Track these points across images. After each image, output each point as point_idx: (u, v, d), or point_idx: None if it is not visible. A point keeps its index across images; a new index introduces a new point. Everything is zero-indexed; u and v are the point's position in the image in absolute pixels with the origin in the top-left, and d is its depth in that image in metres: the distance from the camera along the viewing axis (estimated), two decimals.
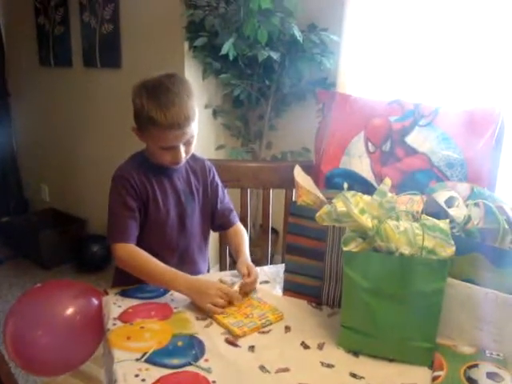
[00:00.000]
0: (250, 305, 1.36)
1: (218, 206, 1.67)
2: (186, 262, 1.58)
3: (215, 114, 3.05)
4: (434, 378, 1.06)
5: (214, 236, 1.76)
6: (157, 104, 1.38)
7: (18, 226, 3.87)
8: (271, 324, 1.29)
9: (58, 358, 1.39)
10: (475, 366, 1.09)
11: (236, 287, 1.41)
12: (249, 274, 1.43)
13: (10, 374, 1.21)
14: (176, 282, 1.36)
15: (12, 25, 3.99)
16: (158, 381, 1.04)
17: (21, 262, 3.64)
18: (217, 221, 1.68)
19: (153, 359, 1.11)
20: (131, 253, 1.44)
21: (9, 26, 4.00)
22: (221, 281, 1.45)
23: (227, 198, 1.72)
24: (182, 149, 1.45)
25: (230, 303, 1.33)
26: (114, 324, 1.26)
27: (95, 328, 1.34)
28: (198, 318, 1.29)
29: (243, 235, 1.66)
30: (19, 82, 4.04)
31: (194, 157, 1.64)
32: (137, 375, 1.06)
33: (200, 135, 2.88)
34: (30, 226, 3.78)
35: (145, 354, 1.13)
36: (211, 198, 1.66)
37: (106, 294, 1.42)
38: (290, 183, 1.58)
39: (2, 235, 3.87)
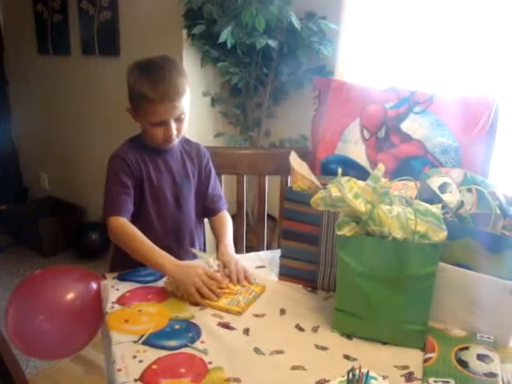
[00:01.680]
0: (230, 284, 1.39)
1: (209, 190, 1.70)
2: (182, 242, 1.61)
3: (213, 101, 3.05)
4: (426, 360, 1.08)
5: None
6: (148, 79, 1.44)
7: (17, 214, 3.89)
8: (259, 296, 1.35)
9: (58, 343, 1.42)
10: (466, 348, 1.11)
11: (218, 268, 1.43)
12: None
13: (15, 360, 1.23)
14: (161, 259, 1.37)
15: (10, 13, 3.97)
16: (154, 362, 1.06)
17: (20, 249, 3.66)
18: (206, 205, 1.71)
19: (150, 341, 1.13)
20: (123, 226, 1.46)
21: (7, 13, 3.99)
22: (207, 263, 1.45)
23: (218, 185, 1.75)
24: (174, 126, 1.48)
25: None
26: (112, 307, 1.28)
27: (95, 312, 1.36)
28: (192, 303, 1.31)
29: (227, 222, 1.68)
30: (18, 70, 4.04)
31: (188, 141, 1.68)
32: (134, 356, 1.08)
33: (198, 123, 2.94)
34: (30, 214, 3.79)
35: (142, 336, 1.15)
36: (204, 182, 1.69)
37: (105, 278, 1.44)
38: (285, 170, 1.60)
39: (1, 223, 3.88)
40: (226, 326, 1.21)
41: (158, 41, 2.91)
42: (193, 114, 1.54)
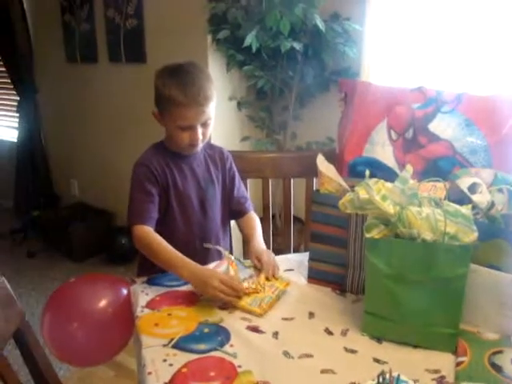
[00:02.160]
0: (254, 282, 1.38)
1: (235, 193, 1.71)
2: (207, 248, 1.61)
3: (239, 105, 3.06)
4: (458, 364, 1.06)
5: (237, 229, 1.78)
6: (177, 83, 1.45)
7: (48, 219, 3.96)
8: (283, 293, 1.36)
9: (93, 349, 1.44)
10: (500, 352, 1.09)
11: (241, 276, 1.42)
12: (260, 262, 1.45)
13: (49, 363, 1.25)
14: (181, 269, 1.37)
15: (39, 24, 4.05)
16: (185, 365, 1.07)
17: (52, 254, 3.73)
18: (232, 208, 1.72)
19: (180, 345, 1.14)
20: (147, 234, 1.47)
21: (36, 25, 4.07)
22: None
23: (242, 186, 1.76)
24: (200, 130, 1.49)
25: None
26: (142, 311, 1.29)
27: (127, 318, 1.37)
28: (221, 307, 1.31)
29: (255, 222, 1.69)
30: (47, 78, 4.11)
31: (211, 145, 1.70)
32: (164, 360, 1.09)
33: (225, 127, 2.95)
34: (60, 219, 3.86)
35: (172, 339, 1.15)
36: (228, 185, 1.70)
37: (134, 282, 1.45)
38: (310, 172, 1.60)
39: (33, 229, 3.96)
40: (255, 329, 1.21)
41: (183, 46, 2.93)
42: (219, 118, 1.55)
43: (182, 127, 1.49)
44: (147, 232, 1.48)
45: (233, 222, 1.79)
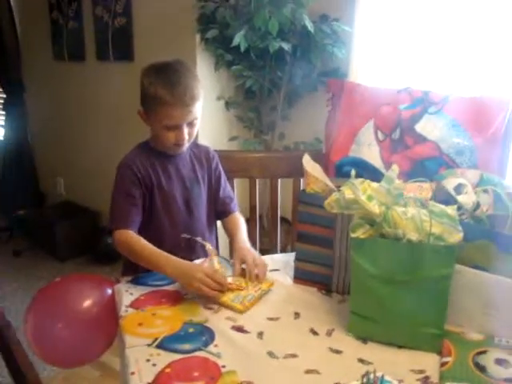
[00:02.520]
0: (239, 279, 1.38)
1: (220, 193, 1.70)
2: (193, 247, 1.60)
3: (227, 105, 3.05)
4: (443, 364, 1.06)
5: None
6: (164, 82, 1.44)
7: (34, 218, 3.93)
8: (266, 293, 1.36)
9: (78, 350, 1.43)
10: (484, 352, 1.09)
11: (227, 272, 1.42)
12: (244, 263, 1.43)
13: (30, 363, 1.23)
14: (165, 266, 1.37)
15: (26, 21, 4.03)
16: (168, 365, 1.06)
17: (37, 253, 3.71)
18: (217, 208, 1.71)
19: (164, 345, 1.13)
20: (130, 239, 1.47)
21: (23, 22, 4.04)
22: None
23: (228, 186, 1.75)
24: (186, 130, 1.48)
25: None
26: (126, 311, 1.28)
27: (112, 318, 1.36)
28: (206, 306, 1.30)
29: (239, 221, 1.68)
30: (34, 76, 4.09)
31: (196, 144, 1.69)
32: (148, 360, 1.07)
33: (213, 127, 2.94)
34: (46, 218, 3.84)
35: (156, 339, 1.14)
36: (214, 185, 1.69)
37: (118, 282, 1.44)
38: (297, 173, 1.59)
39: (19, 228, 3.93)
40: (240, 329, 1.20)
41: (171, 45, 2.92)
42: (207, 118, 1.55)
43: (167, 127, 1.47)
44: (129, 236, 1.47)
45: (219, 223, 1.78)
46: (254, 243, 1.96)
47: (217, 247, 1.79)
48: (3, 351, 1.18)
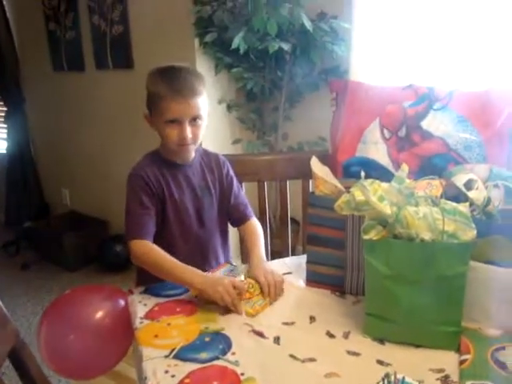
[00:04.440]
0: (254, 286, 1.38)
1: (232, 200, 1.68)
2: (206, 256, 1.59)
3: (229, 108, 3.05)
4: (462, 362, 1.06)
5: (234, 230, 1.77)
6: (164, 79, 1.45)
7: (41, 230, 3.94)
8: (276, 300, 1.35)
9: (91, 361, 1.42)
10: (502, 348, 1.08)
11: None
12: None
13: (45, 377, 1.23)
14: (191, 277, 1.36)
15: (24, 33, 4.03)
16: (187, 376, 1.05)
17: (46, 265, 3.71)
18: (232, 215, 1.69)
19: (181, 355, 1.13)
20: (146, 249, 1.46)
21: (21, 34, 4.05)
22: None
23: (242, 192, 1.73)
24: (189, 129, 1.46)
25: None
26: (141, 322, 1.28)
27: (125, 329, 1.36)
28: (222, 312, 1.30)
29: (258, 234, 1.64)
30: (34, 88, 4.09)
31: (206, 152, 1.67)
32: (166, 371, 1.07)
33: (215, 130, 2.94)
34: (53, 229, 3.84)
35: (173, 350, 1.14)
36: (226, 191, 1.67)
37: (132, 293, 1.44)
38: (306, 174, 1.59)
39: (26, 240, 3.93)
40: (257, 335, 1.20)
41: (170, 50, 2.92)
42: (209, 122, 1.53)
43: (169, 121, 1.46)
44: (146, 248, 1.46)
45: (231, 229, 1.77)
46: (265, 245, 1.97)
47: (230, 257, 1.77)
48: (20, 371, 1.19)
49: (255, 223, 1.69)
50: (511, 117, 1.49)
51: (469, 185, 1.24)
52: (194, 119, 1.47)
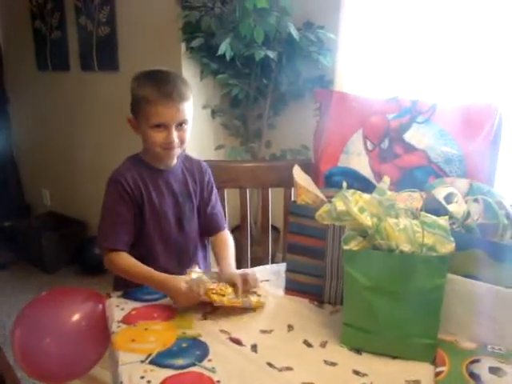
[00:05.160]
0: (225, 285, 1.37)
1: (209, 209, 1.67)
2: (185, 263, 1.58)
3: (214, 114, 3.05)
4: (437, 374, 1.07)
5: None
6: (152, 83, 1.44)
7: (20, 230, 3.87)
8: (251, 308, 1.34)
9: (66, 365, 1.41)
10: (477, 360, 1.10)
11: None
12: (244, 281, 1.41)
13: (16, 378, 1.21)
14: (161, 289, 1.38)
15: (9, 30, 4.00)
16: (163, 382, 1.05)
17: (24, 265, 3.66)
18: (206, 223, 1.67)
19: (157, 360, 1.12)
20: (118, 259, 1.46)
21: (5, 31, 4.01)
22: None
23: (219, 202, 1.72)
24: (175, 133, 1.45)
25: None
26: (118, 326, 1.26)
27: (101, 332, 1.35)
28: (199, 319, 1.30)
29: (229, 245, 1.64)
30: (18, 87, 4.05)
31: (188, 158, 1.67)
32: (142, 377, 1.06)
33: (199, 135, 2.93)
34: (32, 230, 3.79)
35: (149, 355, 1.13)
36: (205, 199, 1.66)
37: (109, 297, 1.43)
38: (288, 182, 1.59)
39: (4, 240, 3.88)
40: (234, 342, 1.20)
41: (157, 54, 2.92)
42: (193, 127, 1.53)
43: (156, 125, 1.44)
44: (118, 257, 1.46)
45: None
46: (244, 252, 1.97)
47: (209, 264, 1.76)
48: None
49: (228, 234, 1.69)
50: (492, 131, 1.51)
51: (449, 198, 1.26)
52: (181, 124, 1.47)
